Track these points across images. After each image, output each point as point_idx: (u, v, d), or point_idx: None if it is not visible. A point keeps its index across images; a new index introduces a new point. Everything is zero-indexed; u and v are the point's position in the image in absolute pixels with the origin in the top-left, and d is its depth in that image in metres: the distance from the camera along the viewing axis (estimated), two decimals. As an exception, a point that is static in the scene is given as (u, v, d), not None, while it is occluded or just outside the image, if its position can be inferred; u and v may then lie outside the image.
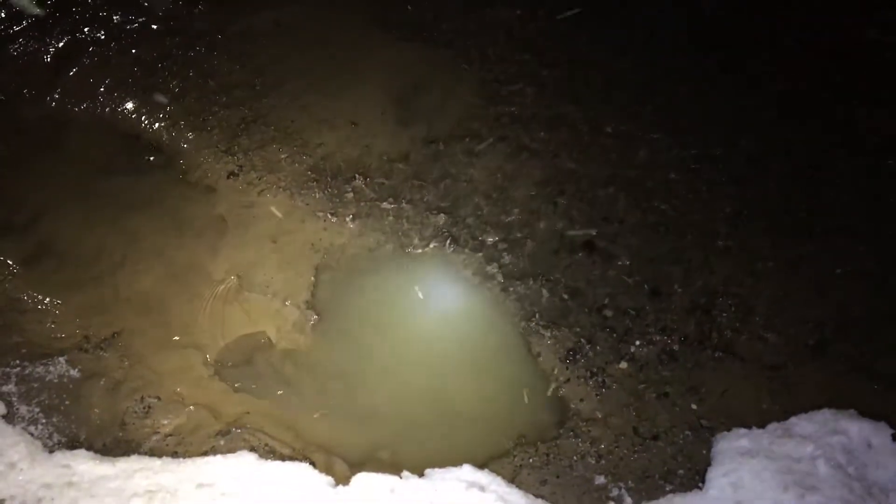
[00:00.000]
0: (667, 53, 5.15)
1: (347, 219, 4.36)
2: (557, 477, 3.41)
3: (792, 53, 5.09)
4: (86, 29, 5.05)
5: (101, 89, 4.85)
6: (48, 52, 4.93)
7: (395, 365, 3.91)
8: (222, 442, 3.49)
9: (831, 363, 3.77)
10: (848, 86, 4.89)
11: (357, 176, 4.55)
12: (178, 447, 3.47)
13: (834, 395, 3.59)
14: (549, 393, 3.77)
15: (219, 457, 3.30)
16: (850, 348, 3.81)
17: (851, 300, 3.98)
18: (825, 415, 3.42)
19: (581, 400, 3.69)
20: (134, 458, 3.29)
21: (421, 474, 3.27)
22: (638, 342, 3.87)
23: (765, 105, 4.83)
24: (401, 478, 3.22)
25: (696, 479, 3.37)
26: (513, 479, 3.34)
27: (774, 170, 4.52)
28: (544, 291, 4.06)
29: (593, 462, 3.46)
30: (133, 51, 5.02)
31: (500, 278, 4.11)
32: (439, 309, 4.13)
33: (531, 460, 3.47)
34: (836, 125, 4.71)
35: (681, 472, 3.42)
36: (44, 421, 3.47)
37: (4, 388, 3.54)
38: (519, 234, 4.30)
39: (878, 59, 4.99)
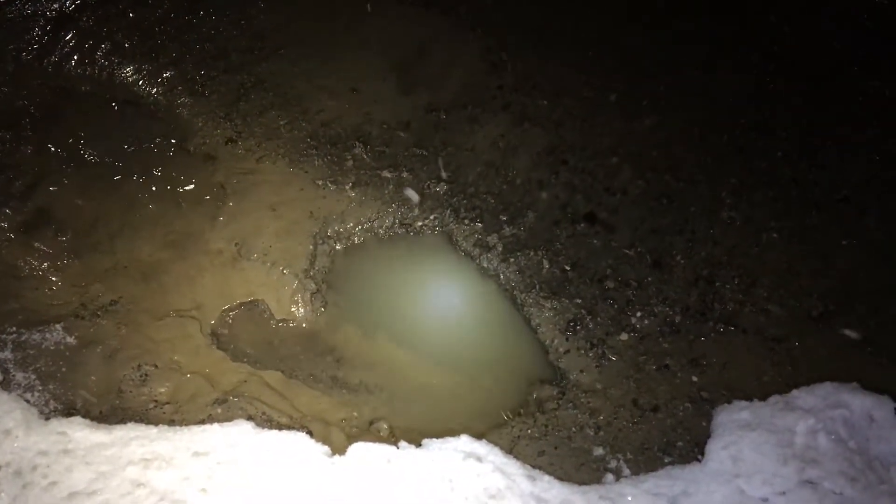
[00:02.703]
0: (677, 21, 5.06)
1: (347, 187, 4.31)
2: (555, 448, 3.39)
3: (802, 23, 4.99)
4: (83, -9, 4.98)
5: (99, 54, 4.78)
6: (45, 15, 4.85)
7: (394, 336, 3.89)
8: (219, 410, 3.47)
9: (835, 336, 3.72)
10: (858, 55, 4.80)
11: (357, 144, 4.50)
12: (174, 415, 3.46)
13: (837, 368, 3.56)
14: (548, 364, 3.75)
15: (215, 425, 3.29)
16: (854, 321, 3.76)
17: (857, 273, 3.93)
18: (827, 388, 3.38)
19: (581, 371, 3.66)
20: (130, 425, 3.27)
21: (418, 445, 3.25)
22: (639, 313, 3.83)
23: (772, 75, 4.75)
24: (398, 448, 3.21)
25: (695, 451, 3.35)
26: (510, 450, 3.32)
27: (781, 140, 4.45)
28: (545, 262, 4.02)
29: (592, 433, 3.44)
30: (130, 14, 4.93)
31: (500, 249, 4.07)
32: (439, 280, 4.10)
33: (529, 431, 3.45)
34: (844, 95, 4.63)
35: (680, 444, 3.39)
36: (40, 388, 3.45)
37: (0, 355, 3.52)
38: (520, 205, 4.25)
39: (890, 27, 4.90)
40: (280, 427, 3.39)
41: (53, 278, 3.94)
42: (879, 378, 3.49)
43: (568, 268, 4.01)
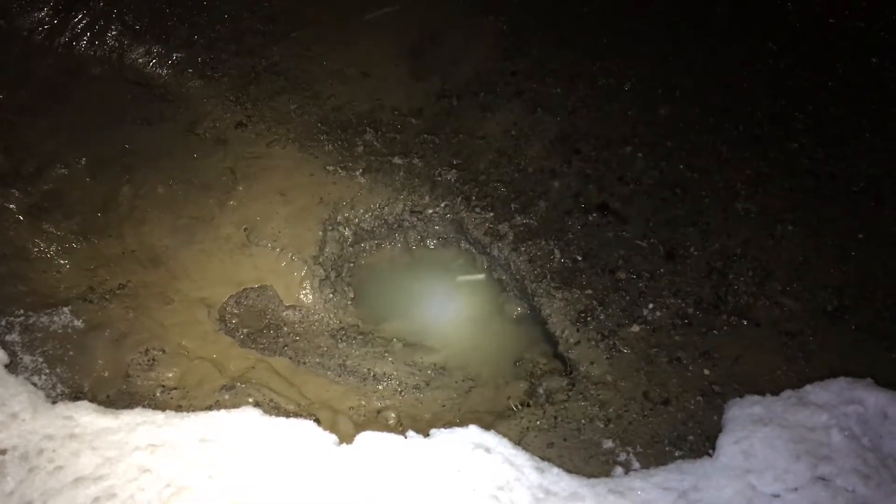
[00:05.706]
0: (695, 9, 4.99)
1: (357, 173, 4.28)
2: (565, 440, 3.35)
3: (821, 13, 4.92)
4: (94, -29, 4.95)
5: (109, 35, 4.76)
6: (56, -6, 4.83)
7: (402, 325, 3.87)
8: (227, 396, 3.45)
9: (850, 331, 3.67)
10: (877, 47, 4.72)
11: (368, 129, 4.47)
12: (182, 401, 3.44)
13: (851, 363, 3.50)
14: (558, 355, 3.72)
15: (223, 412, 3.26)
16: (869, 316, 3.71)
17: (873, 266, 3.87)
18: (841, 383, 3.33)
19: (591, 363, 3.62)
20: (137, 410, 3.25)
21: (426, 434, 3.22)
22: (651, 305, 3.78)
23: (790, 65, 4.68)
24: (406, 437, 3.18)
25: (706, 445, 3.30)
26: (519, 441, 3.29)
27: (798, 130, 4.39)
28: (556, 252, 3.98)
29: (602, 426, 3.40)
30: (142, -5, 4.92)
31: (511, 238, 4.03)
32: (448, 269, 4.07)
33: (538, 423, 3.41)
34: (863, 84, 4.56)
35: (691, 438, 3.35)
36: (47, 371, 3.43)
37: (8, 338, 3.51)
38: (532, 194, 4.20)
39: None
40: (287, 414, 3.37)
41: (62, 261, 3.93)
42: (894, 374, 3.44)
43: (579, 258, 3.97)
